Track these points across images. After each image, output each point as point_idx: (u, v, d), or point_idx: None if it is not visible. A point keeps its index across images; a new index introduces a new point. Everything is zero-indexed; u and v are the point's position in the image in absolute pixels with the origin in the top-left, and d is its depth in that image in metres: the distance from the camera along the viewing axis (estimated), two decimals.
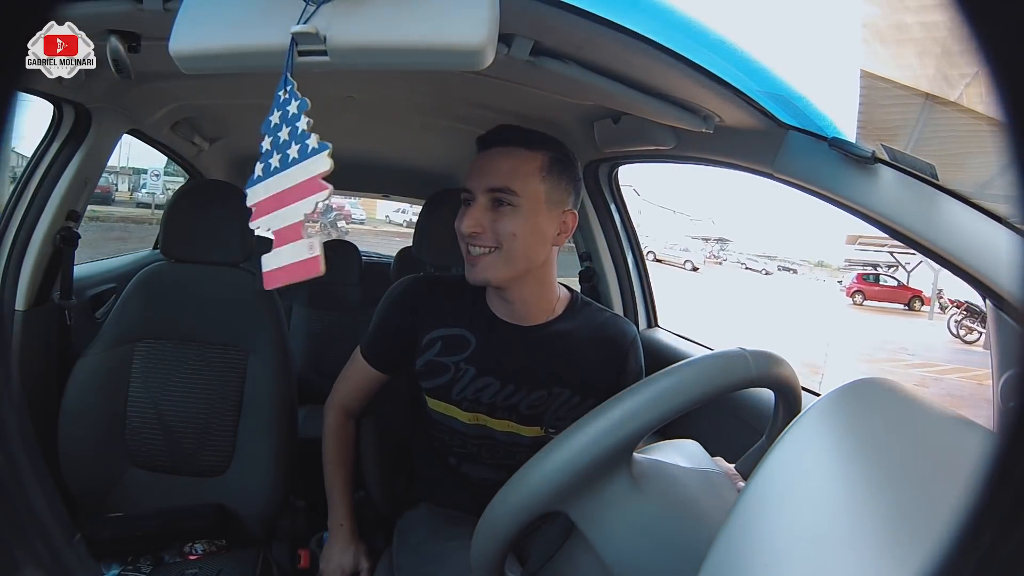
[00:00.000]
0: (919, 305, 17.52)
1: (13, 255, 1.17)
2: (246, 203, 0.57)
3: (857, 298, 17.80)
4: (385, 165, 2.10)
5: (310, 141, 0.53)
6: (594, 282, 1.56)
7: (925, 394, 0.54)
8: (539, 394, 0.94)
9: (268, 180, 0.55)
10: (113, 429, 1.16)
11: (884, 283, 18.57)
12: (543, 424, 0.96)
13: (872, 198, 0.77)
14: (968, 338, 11.10)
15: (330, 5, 0.55)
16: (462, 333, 0.95)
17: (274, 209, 0.55)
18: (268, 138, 0.55)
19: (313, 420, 1.74)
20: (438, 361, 0.96)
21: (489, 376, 0.94)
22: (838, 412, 0.49)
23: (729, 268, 26.89)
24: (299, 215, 0.53)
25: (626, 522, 0.55)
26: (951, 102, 0.95)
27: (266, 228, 0.55)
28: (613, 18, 0.66)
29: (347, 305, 2.25)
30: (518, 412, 0.95)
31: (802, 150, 0.83)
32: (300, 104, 0.53)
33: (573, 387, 0.95)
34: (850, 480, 0.42)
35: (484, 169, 0.88)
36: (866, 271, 19.79)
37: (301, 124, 0.53)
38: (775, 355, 0.60)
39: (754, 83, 0.78)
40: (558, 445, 0.52)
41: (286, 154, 0.54)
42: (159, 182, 14.77)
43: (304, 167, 0.53)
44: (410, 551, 0.95)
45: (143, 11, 0.69)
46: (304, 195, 0.53)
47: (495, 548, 0.56)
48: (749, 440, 0.71)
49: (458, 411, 0.96)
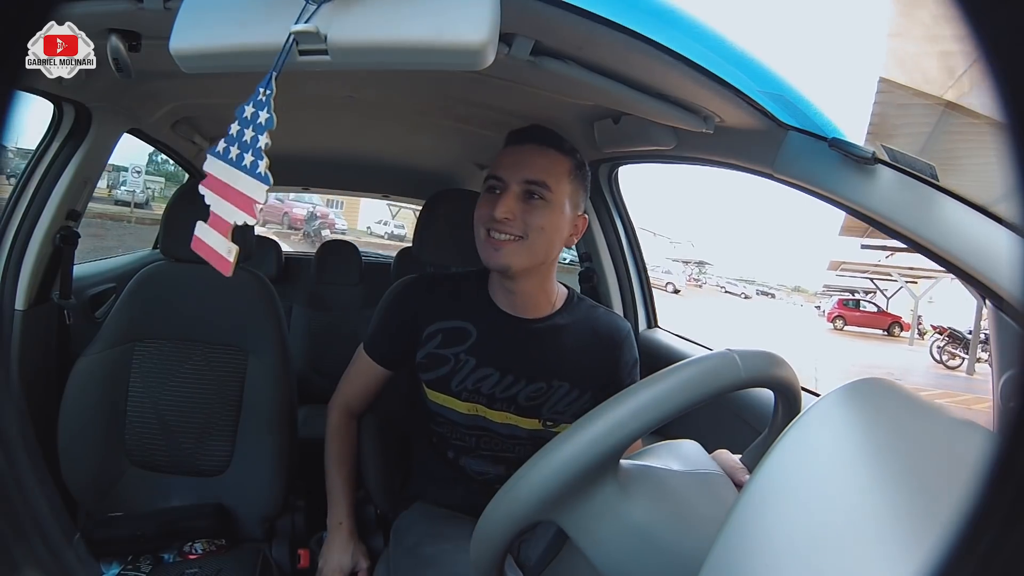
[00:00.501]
0: (898, 331, 17.87)
1: (13, 254, 1.17)
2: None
3: (838, 323, 18.09)
4: (385, 165, 2.10)
5: (261, 164, 0.54)
6: (594, 282, 1.56)
7: (924, 395, 0.54)
8: (538, 386, 0.96)
9: (223, 164, 0.57)
10: (113, 429, 1.16)
11: (864, 309, 18.91)
12: (541, 417, 0.97)
13: (872, 198, 0.77)
14: (951, 363, 11.43)
15: (330, 5, 0.55)
16: (463, 325, 0.97)
17: (219, 193, 0.58)
18: (236, 126, 0.56)
19: (313, 420, 1.75)
20: (438, 353, 0.97)
21: (489, 367, 0.96)
22: (838, 412, 0.49)
23: (709, 291, 26.98)
24: (230, 219, 0.56)
25: (616, 530, 0.55)
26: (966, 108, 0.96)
27: (208, 201, 0.59)
28: (613, 18, 0.66)
29: (347, 305, 2.25)
30: (517, 404, 0.96)
31: (802, 150, 0.83)
32: (268, 120, 0.55)
33: (572, 381, 0.97)
34: (850, 480, 0.42)
35: (521, 162, 0.91)
36: (846, 297, 20.12)
37: (261, 141, 0.55)
38: (774, 356, 0.60)
39: (754, 83, 0.78)
40: (544, 456, 0.52)
41: (241, 155, 0.56)
42: (140, 179, 14.64)
43: (247, 181, 0.55)
44: (406, 553, 0.95)
45: (143, 10, 0.69)
46: (238, 204, 0.56)
47: (491, 556, 0.56)
48: (749, 440, 0.71)
49: (456, 402, 0.97)
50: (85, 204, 1.31)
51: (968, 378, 10.59)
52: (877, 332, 17.72)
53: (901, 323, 18.09)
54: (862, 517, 0.38)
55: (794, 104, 0.81)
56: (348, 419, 1.07)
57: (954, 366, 11.43)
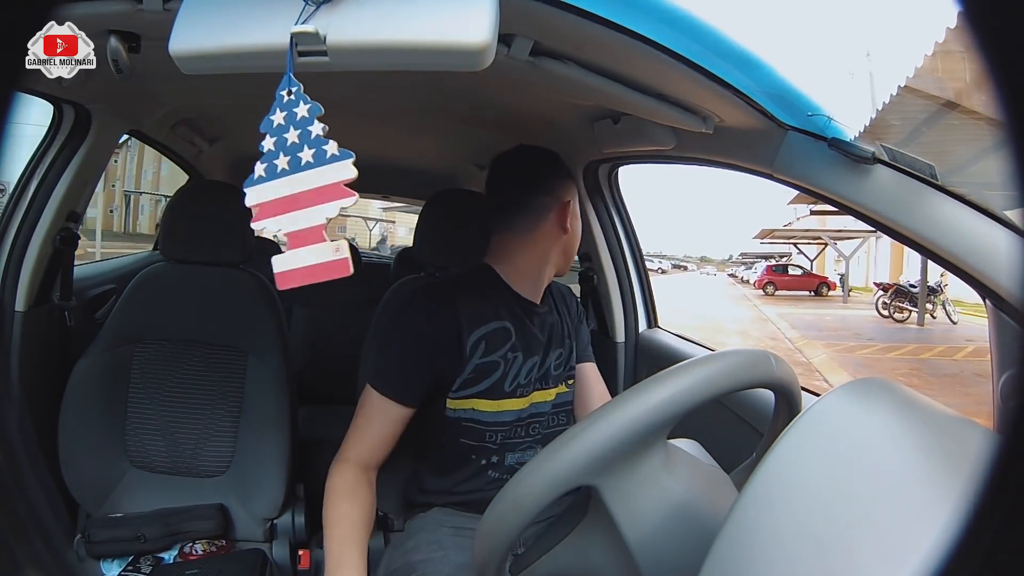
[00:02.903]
0: (826, 291, 18.77)
1: (13, 255, 1.17)
2: (244, 203, 0.56)
3: (769, 289, 18.74)
4: (385, 165, 2.10)
5: (328, 147, 0.53)
6: (594, 282, 1.56)
7: (924, 394, 0.54)
8: (558, 351, 1.03)
9: (274, 181, 0.55)
10: (113, 430, 1.16)
11: (792, 273, 19.83)
12: (564, 381, 1.04)
13: (872, 198, 0.77)
14: (898, 316, 12.04)
15: (329, 5, 0.55)
16: (501, 324, 0.96)
17: (285, 211, 0.55)
18: (271, 138, 0.55)
19: (313, 420, 1.75)
20: (485, 362, 0.93)
21: (533, 356, 0.98)
22: (838, 412, 0.49)
23: None
24: (320, 218, 0.53)
25: (654, 501, 0.56)
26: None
27: (275, 230, 0.55)
28: (613, 18, 0.66)
29: (347, 305, 2.25)
30: (550, 375, 1.01)
31: (802, 150, 0.83)
32: (312, 108, 0.54)
33: (569, 338, 1.07)
34: (850, 480, 0.42)
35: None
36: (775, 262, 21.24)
37: (315, 129, 0.53)
38: (776, 357, 0.60)
39: (754, 83, 0.78)
40: (597, 419, 0.54)
41: (297, 157, 0.54)
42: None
43: (323, 172, 0.53)
44: (399, 556, 0.95)
45: (143, 11, 0.69)
46: (326, 199, 0.53)
47: (516, 521, 0.55)
48: (749, 440, 0.71)
49: (514, 401, 0.96)
50: (85, 205, 1.31)
51: (919, 329, 11.11)
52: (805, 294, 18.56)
53: (828, 283, 19.12)
54: (862, 517, 0.38)
55: (794, 104, 0.81)
56: (362, 474, 0.89)
57: (902, 319, 11.99)
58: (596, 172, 1.47)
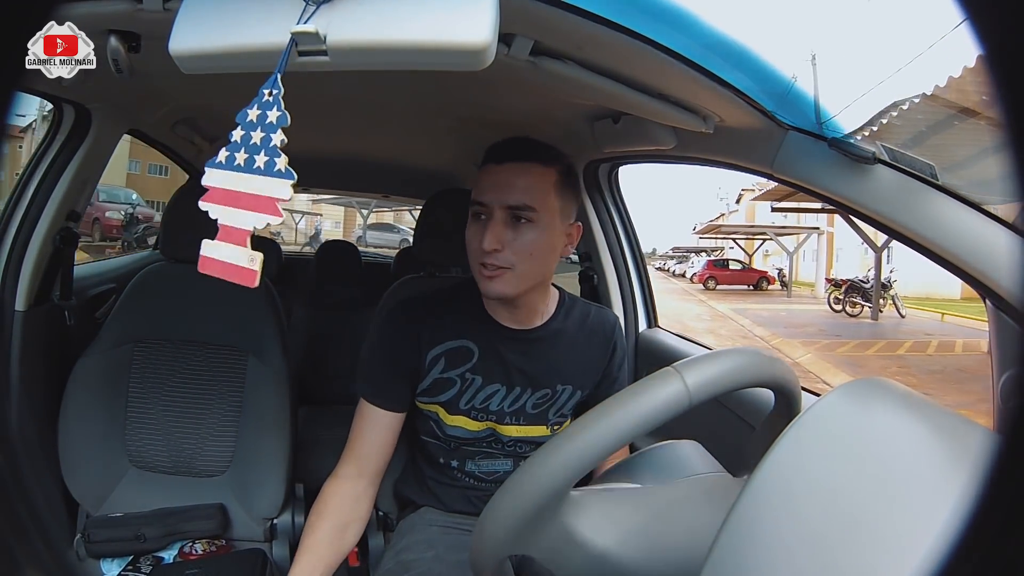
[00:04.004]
0: (765, 285, 19.08)
1: (13, 255, 1.17)
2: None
3: (710, 283, 18.86)
4: (385, 165, 2.10)
5: (279, 162, 0.52)
6: (594, 282, 1.56)
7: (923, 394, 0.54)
8: (543, 392, 0.96)
9: (228, 172, 0.55)
10: (113, 430, 1.16)
11: (732, 268, 20.11)
12: (548, 423, 0.97)
13: (872, 198, 0.77)
14: (852, 311, 12.40)
15: (330, 5, 0.55)
16: (464, 344, 0.94)
17: (226, 203, 0.55)
18: (240, 130, 0.55)
19: (313, 420, 1.76)
20: (443, 378, 0.94)
21: (496, 383, 0.94)
22: (838, 412, 0.49)
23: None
24: (248, 225, 0.54)
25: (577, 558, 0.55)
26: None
27: (214, 215, 0.55)
28: (613, 18, 0.66)
29: (347, 305, 2.25)
30: (525, 414, 0.96)
31: (802, 150, 0.83)
32: (280, 117, 0.53)
33: (573, 383, 0.97)
34: (850, 480, 0.42)
35: (501, 185, 0.87)
36: (715, 257, 21.59)
37: (275, 139, 0.53)
38: (775, 356, 0.60)
39: (754, 83, 0.78)
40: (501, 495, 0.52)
41: (252, 158, 0.54)
42: None
43: (265, 182, 0.53)
44: (392, 556, 0.96)
45: (143, 11, 0.69)
46: (258, 208, 0.53)
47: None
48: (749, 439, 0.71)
49: (467, 420, 0.95)
50: (85, 205, 1.30)
51: (874, 324, 11.37)
52: (744, 288, 18.75)
53: (768, 277, 19.53)
54: (862, 517, 0.38)
55: (794, 104, 0.81)
56: (350, 488, 0.90)
57: (855, 314, 12.29)
58: (596, 172, 1.47)
